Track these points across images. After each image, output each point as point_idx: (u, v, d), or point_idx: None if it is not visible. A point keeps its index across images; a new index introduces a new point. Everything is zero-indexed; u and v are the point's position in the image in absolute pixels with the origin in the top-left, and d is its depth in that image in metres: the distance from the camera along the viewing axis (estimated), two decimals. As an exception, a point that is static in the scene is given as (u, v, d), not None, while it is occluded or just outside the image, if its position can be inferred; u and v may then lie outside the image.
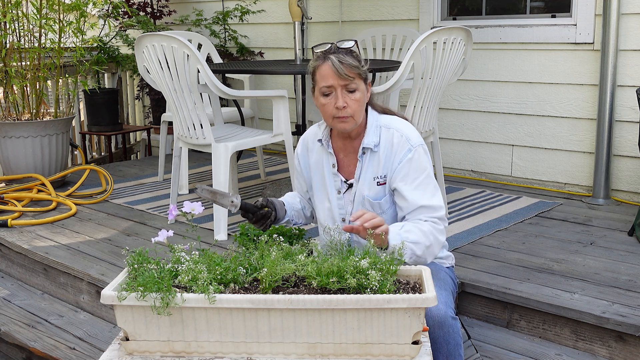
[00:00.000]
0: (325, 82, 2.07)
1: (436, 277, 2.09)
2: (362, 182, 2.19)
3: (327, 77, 2.06)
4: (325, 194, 2.25)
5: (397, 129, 2.16)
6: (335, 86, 2.06)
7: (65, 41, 4.58)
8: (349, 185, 2.22)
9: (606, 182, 3.95)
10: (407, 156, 2.12)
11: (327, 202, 2.25)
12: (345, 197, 2.23)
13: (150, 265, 1.77)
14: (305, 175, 2.32)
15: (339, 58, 2.05)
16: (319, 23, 5.26)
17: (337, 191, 2.23)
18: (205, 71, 3.31)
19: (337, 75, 2.04)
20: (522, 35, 4.23)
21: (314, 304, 1.63)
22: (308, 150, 2.30)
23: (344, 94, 2.07)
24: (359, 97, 2.09)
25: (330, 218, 2.25)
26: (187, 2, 6.24)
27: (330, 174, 2.23)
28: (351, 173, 2.22)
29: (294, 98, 4.57)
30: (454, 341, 1.96)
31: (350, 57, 2.07)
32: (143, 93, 6.23)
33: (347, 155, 2.22)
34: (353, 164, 2.21)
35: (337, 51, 2.08)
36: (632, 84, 3.83)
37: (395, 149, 2.14)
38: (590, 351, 2.49)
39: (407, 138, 2.14)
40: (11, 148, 4.37)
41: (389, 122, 2.18)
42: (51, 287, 3.28)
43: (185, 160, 4.32)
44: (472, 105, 4.52)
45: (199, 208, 1.87)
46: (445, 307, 1.97)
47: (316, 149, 2.27)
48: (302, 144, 2.33)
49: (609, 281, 2.74)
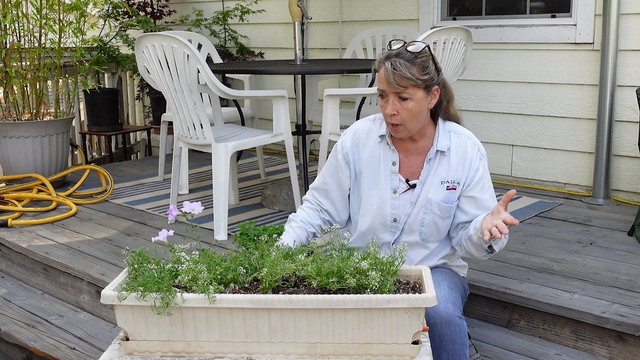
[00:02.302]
0: (379, 86, 2.06)
1: (449, 279, 2.13)
2: (429, 184, 2.14)
3: (381, 81, 2.04)
4: (377, 192, 2.17)
5: (468, 136, 2.17)
6: (387, 92, 2.04)
7: (65, 41, 4.58)
8: (410, 185, 2.16)
9: (606, 182, 3.95)
10: (481, 164, 2.15)
11: (378, 199, 2.17)
12: (403, 197, 2.17)
13: (150, 265, 1.77)
14: (351, 170, 2.21)
15: (394, 65, 1.99)
16: (319, 23, 5.26)
17: (393, 190, 2.16)
18: (205, 71, 3.31)
19: (387, 83, 2.01)
20: (522, 35, 4.23)
21: (314, 304, 1.63)
22: (359, 145, 2.20)
23: (395, 102, 2.03)
24: (411, 107, 2.03)
25: (379, 216, 2.17)
26: (187, 2, 6.25)
27: (388, 172, 2.16)
28: (412, 174, 2.17)
29: (294, 98, 4.57)
30: (460, 340, 1.97)
31: (407, 66, 1.99)
32: (143, 93, 6.23)
33: (408, 156, 2.17)
34: (415, 165, 2.17)
35: (400, 54, 2.01)
36: (632, 84, 3.83)
37: (470, 156, 2.14)
38: (590, 351, 2.49)
39: (478, 146, 2.17)
40: (11, 148, 4.37)
41: (457, 128, 2.18)
42: (51, 287, 3.29)
43: (185, 160, 4.32)
44: (472, 105, 4.52)
45: (199, 208, 1.87)
46: (453, 306, 1.98)
47: (371, 144, 2.19)
48: (351, 138, 2.22)
49: (608, 281, 2.74)
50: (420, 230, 2.17)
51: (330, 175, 2.24)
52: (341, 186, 2.23)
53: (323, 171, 2.26)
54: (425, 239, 2.19)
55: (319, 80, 4.74)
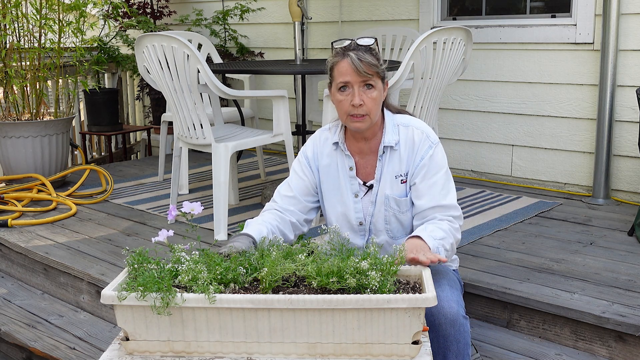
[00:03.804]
0: (342, 78, 2.06)
1: (446, 277, 2.11)
2: (384, 181, 2.16)
3: (345, 73, 2.05)
4: (339, 199, 2.20)
5: (416, 127, 2.17)
6: (352, 83, 2.05)
7: (65, 41, 4.58)
8: (368, 187, 2.19)
9: (606, 182, 3.95)
10: (428, 153, 2.13)
11: (341, 206, 2.21)
12: (364, 200, 2.19)
13: (150, 265, 1.77)
14: (313, 179, 2.24)
15: (358, 55, 2.03)
16: (319, 23, 5.26)
17: (354, 195, 2.19)
18: (205, 71, 3.31)
19: (355, 72, 2.03)
20: (522, 35, 4.23)
21: (314, 304, 1.63)
22: (318, 153, 2.24)
23: (361, 92, 2.05)
24: (376, 96, 2.07)
25: (345, 222, 2.21)
26: (187, 2, 6.25)
27: (347, 177, 2.19)
28: (369, 174, 2.19)
29: (294, 98, 4.57)
30: (464, 340, 1.97)
31: (369, 55, 2.05)
32: (143, 93, 6.23)
33: (363, 157, 2.19)
34: (370, 165, 2.19)
35: (356, 48, 2.06)
36: (632, 84, 3.83)
37: (417, 146, 2.14)
38: (590, 351, 2.49)
39: (427, 135, 2.16)
40: (11, 148, 4.37)
41: (406, 120, 2.19)
42: (51, 287, 3.29)
43: (185, 160, 4.32)
44: (472, 105, 4.52)
45: (199, 208, 1.87)
46: (457, 306, 1.98)
47: (326, 152, 2.22)
48: (312, 147, 2.26)
49: (608, 281, 2.74)
50: (386, 229, 2.19)
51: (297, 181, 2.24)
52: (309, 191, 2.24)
53: (289, 180, 2.26)
54: (393, 236, 2.20)
55: (319, 80, 4.74)
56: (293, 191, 2.22)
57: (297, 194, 2.22)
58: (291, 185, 2.24)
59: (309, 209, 2.25)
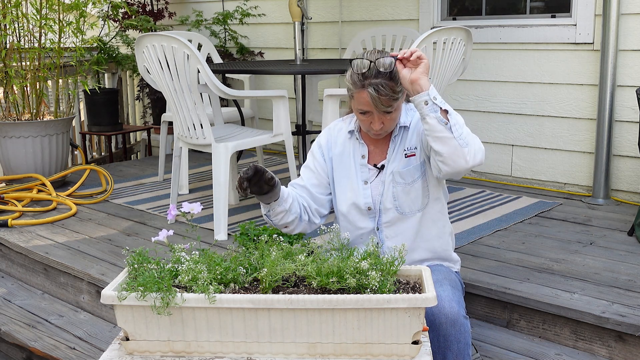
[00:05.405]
0: (362, 107, 2.07)
1: (448, 278, 2.13)
2: (394, 160, 2.19)
3: (364, 104, 2.06)
4: (349, 186, 2.23)
5: None
6: (372, 112, 2.07)
7: (65, 41, 4.58)
8: (379, 168, 2.21)
9: (606, 182, 3.95)
10: None
11: (350, 192, 2.23)
12: (374, 183, 2.21)
13: (150, 265, 1.77)
14: (325, 167, 2.27)
15: (377, 89, 2.00)
16: (319, 23, 5.26)
17: (364, 182, 2.22)
18: (205, 71, 3.31)
19: (374, 107, 2.04)
20: (522, 35, 4.23)
21: (314, 303, 1.63)
22: (332, 142, 2.28)
23: (381, 117, 2.08)
24: (395, 116, 2.11)
25: (354, 207, 2.23)
26: (186, 2, 6.25)
27: (358, 165, 2.23)
28: (381, 157, 2.23)
29: (294, 98, 4.57)
30: (464, 340, 1.98)
31: (388, 87, 2.01)
32: (143, 93, 6.23)
33: (377, 145, 2.23)
34: (383, 149, 2.22)
35: (377, 75, 2.02)
36: (632, 84, 3.83)
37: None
38: (590, 351, 2.49)
39: None
40: (11, 148, 4.37)
41: None
42: (51, 287, 3.29)
43: (185, 160, 4.32)
44: (472, 105, 4.52)
45: (198, 208, 1.87)
46: (458, 306, 1.99)
47: (340, 140, 2.26)
48: (326, 135, 2.29)
49: (608, 281, 2.74)
50: (395, 205, 2.20)
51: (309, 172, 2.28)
52: (321, 182, 2.27)
53: (302, 171, 2.31)
54: (402, 211, 2.20)
55: (319, 80, 4.74)
56: (304, 181, 2.28)
57: (307, 184, 2.26)
58: (303, 176, 2.30)
59: (321, 200, 2.27)
